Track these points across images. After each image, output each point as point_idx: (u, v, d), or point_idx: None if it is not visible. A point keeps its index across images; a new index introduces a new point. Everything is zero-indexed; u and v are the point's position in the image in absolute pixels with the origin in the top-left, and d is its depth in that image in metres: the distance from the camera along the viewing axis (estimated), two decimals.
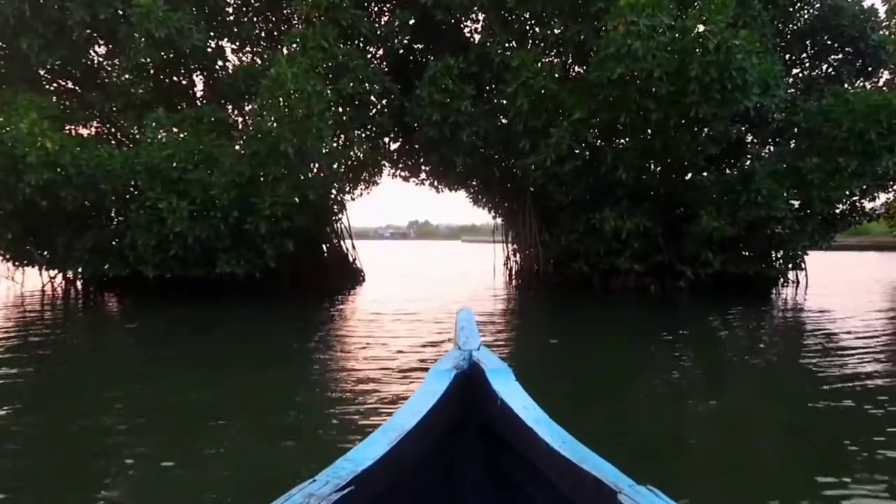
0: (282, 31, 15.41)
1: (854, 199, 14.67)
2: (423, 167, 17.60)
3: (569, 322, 10.33)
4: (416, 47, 15.85)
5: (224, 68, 15.21)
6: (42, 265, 13.93)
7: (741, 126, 13.07)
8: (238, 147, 12.51)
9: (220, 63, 15.47)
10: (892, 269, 24.61)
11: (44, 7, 12.32)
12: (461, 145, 13.36)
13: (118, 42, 12.77)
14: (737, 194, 13.32)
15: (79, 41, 12.62)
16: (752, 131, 14.16)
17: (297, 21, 13.53)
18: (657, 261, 14.62)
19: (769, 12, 13.76)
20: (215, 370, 6.31)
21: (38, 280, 14.57)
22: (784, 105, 13.57)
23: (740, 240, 14.26)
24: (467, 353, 1.97)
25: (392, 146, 18.14)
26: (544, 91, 12.42)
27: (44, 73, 13.98)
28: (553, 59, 13.48)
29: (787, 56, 15.76)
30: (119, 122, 13.96)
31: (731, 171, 15.46)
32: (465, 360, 1.93)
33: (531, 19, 13.65)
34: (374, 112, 14.54)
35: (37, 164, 11.15)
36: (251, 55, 16.17)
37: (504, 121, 13.83)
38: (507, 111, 13.33)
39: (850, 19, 14.86)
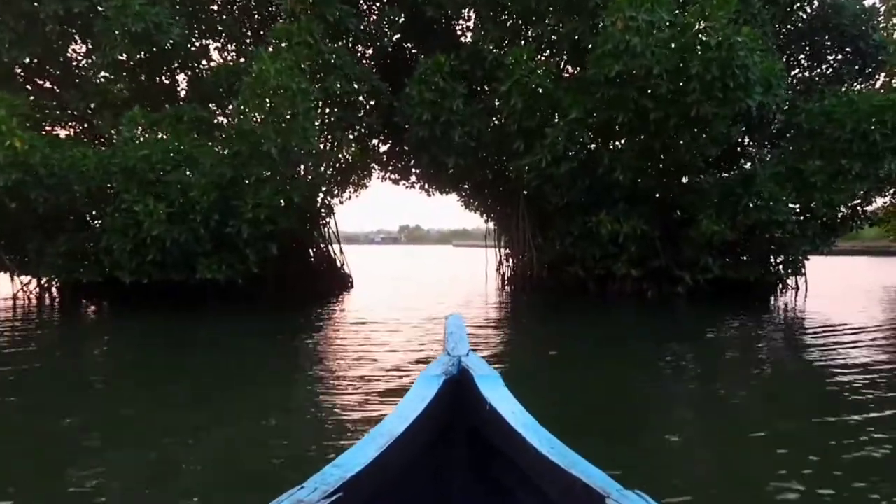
0: (268, 28, 14.88)
1: (856, 203, 14.30)
2: (413, 169, 17.12)
3: (566, 331, 9.82)
4: (407, 46, 15.38)
5: (209, 68, 14.69)
6: (13, 271, 13.28)
7: (742, 127, 12.61)
8: (219, 147, 11.93)
9: (204, 62, 14.99)
10: (887, 275, 24.33)
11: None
12: (453, 146, 12.87)
13: (94, 37, 12.18)
14: (737, 197, 12.93)
15: (52, 36, 12.01)
16: (752, 132, 13.72)
17: (283, 17, 12.97)
18: (654, 265, 14.19)
19: (769, 10, 13.38)
20: (186, 390, 5.77)
21: (8, 287, 13.91)
22: (784, 106, 13.18)
23: (739, 244, 13.86)
24: (456, 358, 1.95)
25: (381, 148, 17.68)
26: (539, 90, 11.96)
27: (19, 71, 13.39)
28: (548, 56, 12.99)
29: (786, 56, 15.40)
30: (96, 122, 13.33)
31: (730, 174, 15.10)
32: (454, 366, 1.92)
33: (525, 16, 13.19)
34: (362, 112, 14.02)
35: (4, 164, 10.56)
36: (236, 54, 15.64)
37: (497, 121, 13.35)
38: (500, 111, 12.86)
39: (851, 18, 14.54)
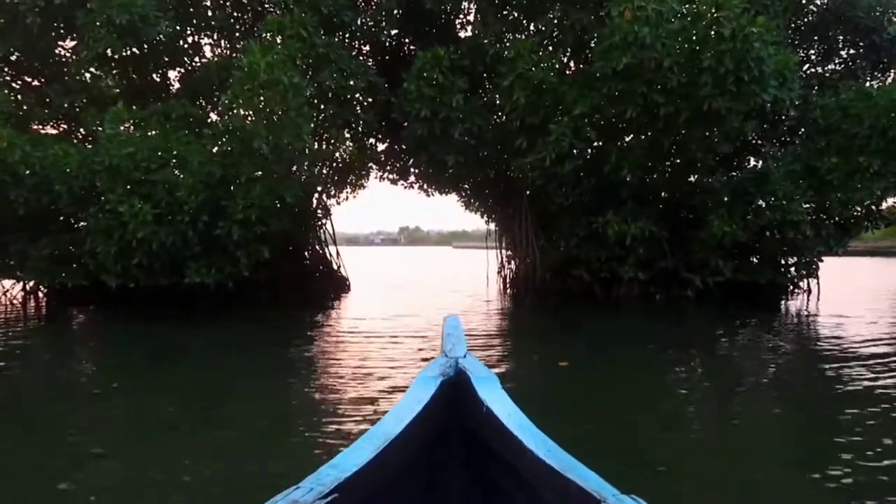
0: (261, 23, 14.36)
1: (870, 202, 13.73)
2: (412, 169, 16.60)
3: (574, 340, 9.22)
4: (405, 41, 14.83)
5: (202, 65, 14.18)
6: None
7: (756, 122, 12.05)
8: (208, 145, 11.40)
9: (196, 60, 14.50)
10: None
11: None
12: (452, 144, 12.33)
13: (77, 31, 11.65)
14: (750, 197, 12.41)
15: (33, 29, 11.49)
16: (763, 129, 13.17)
17: (275, 8, 12.44)
18: (662, 268, 13.65)
19: (781, 2, 12.84)
20: (170, 403, 5.23)
21: None
22: (797, 101, 12.62)
23: (750, 246, 13.31)
24: (453, 360, 1.94)
25: (379, 147, 17.15)
26: (543, 84, 11.41)
27: (1, 66, 12.88)
28: (552, 50, 12.43)
29: (798, 51, 14.86)
30: (83, 119, 12.78)
31: (740, 172, 14.57)
32: (451, 368, 1.91)
33: (527, 8, 12.66)
34: (358, 109, 13.48)
35: None
36: (229, 50, 15.12)
37: (499, 117, 12.81)
38: (502, 107, 12.31)
39: (866, 10, 13.99)
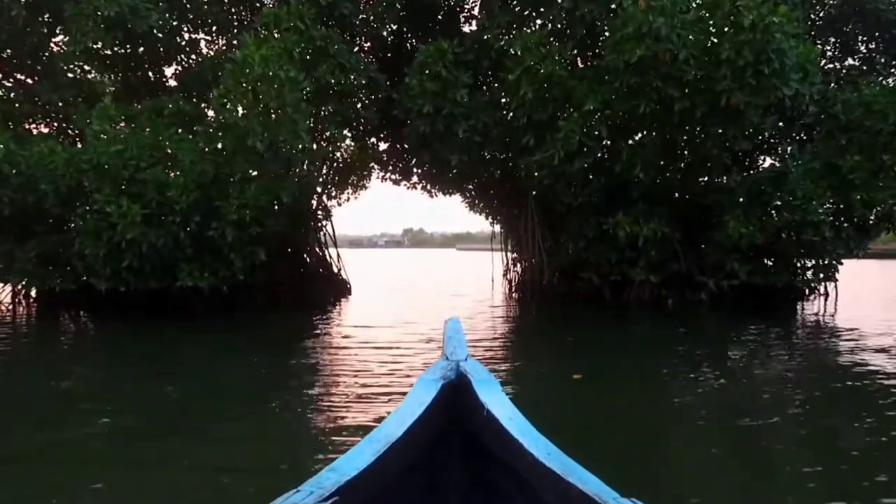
0: (259, 17, 13.91)
1: (894, 203, 13.15)
2: (414, 169, 16.08)
3: (586, 348, 8.62)
4: (406, 34, 14.31)
5: (197, 61, 13.71)
6: None
7: (775, 118, 11.48)
8: (201, 142, 10.90)
9: (193, 56, 14.02)
10: None
11: None
12: (456, 141, 11.81)
13: (65, 23, 11.18)
14: (767, 197, 11.85)
15: (18, 22, 11.02)
16: (780, 126, 12.59)
17: (271, 0, 11.94)
18: (674, 271, 13.10)
19: None
20: (158, 416, 4.74)
21: None
22: (816, 96, 12.05)
23: (765, 248, 12.73)
24: (454, 363, 1.92)
25: (381, 146, 16.66)
26: (551, 79, 10.88)
27: None
28: (561, 42, 11.86)
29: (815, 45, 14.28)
30: (72, 116, 12.32)
31: (754, 171, 14.02)
32: (452, 371, 1.90)
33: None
34: (359, 106, 12.97)
35: None
36: (226, 46, 14.63)
37: (505, 114, 12.26)
38: (508, 102, 11.77)
39: (887, 3, 13.42)
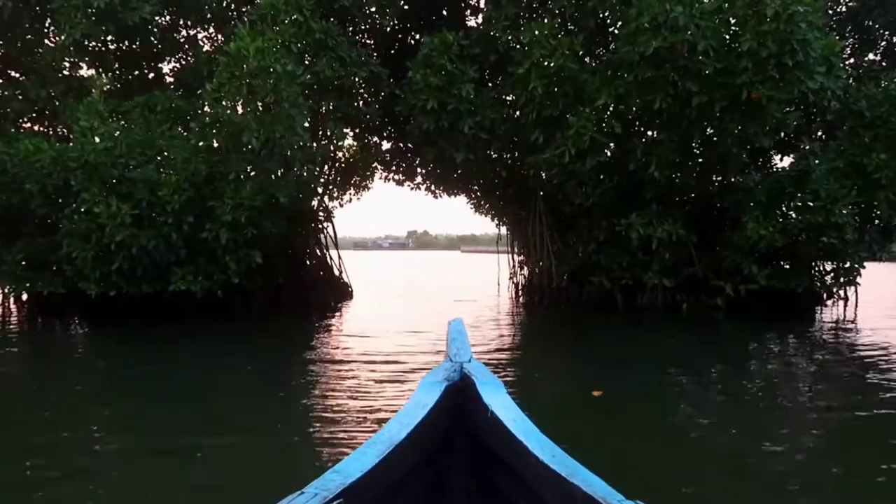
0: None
1: None
2: (418, 169, 15.57)
3: (601, 358, 8.03)
4: (408, 27, 13.78)
5: (192, 56, 13.23)
6: None
7: (798, 113, 10.91)
8: (194, 140, 10.42)
9: (189, 52, 13.56)
10: None
11: None
12: (461, 138, 11.29)
13: (52, 15, 10.72)
14: (788, 196, 11.29)
15: (3, 14, 10.55)
16: (801, 122, 12.01)
17: None
18: (689, 274, 12.55)
19: None
20: (143, 434, 4.25)
21: None
22: (840, 91, 11.49)
23: (783, 250, 12.16)
24: (458, 365, 1.92)
25: (384, 145, 16.14)
26: (562, 72, 10.36)
27: None
28: (572, 33, 11.29)
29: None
30: (61, 113, 11.83)
31: (769, 170, 13.46)
32: (455, 372, 1.89)
33: None
34: (360, 102, 12.46)
35: None
36: (224, 41, 14.15)
37: (513, 110, 11.74)
38: (516, 97, 11.24)
39: None
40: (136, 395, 5.78)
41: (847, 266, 12.59)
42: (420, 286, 21.24)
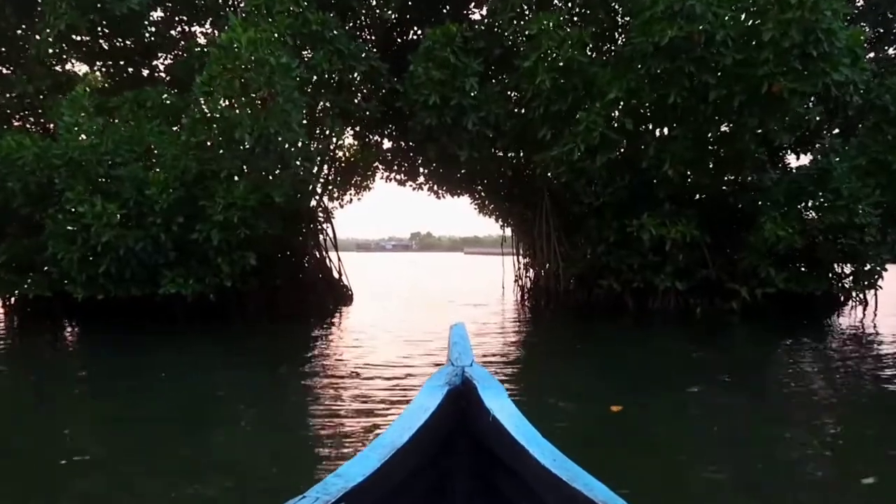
0: None
1: None
2: (420, 168, 15.08)
3: (615, 367, 7.47)
4: (408, 18, 13.26)
5: (185, 50, 12.79)
6: None
7: (820, 108, 10.36)
8: (184, 136, 9.94)
9: (184, 47, 13.11)
10: None
11: None
12: (465, 135, 10.78)
13: (36, 6, 10.26)
14: (809, 196, 10.77)
15: None
16: (824, 116, 11.46)
17: None
18: (703, 277, 12.03)
19: None
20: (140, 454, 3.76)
21: None
22: (863, 85, 10.94)
23: (801, 252, 11.63)
24: (460, 369, 1.90)
25: (385, 144, 15.66)
26: (571, 65, 9.85)
27: None
28: (582, 24, 10.77)
29: None
30: (47, 110, 11.38)
31: (785, 168, 12.94)
32: (457, 377, 1.88)
33: None
34: (359, 98, 11.96)
35: None
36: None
37: (519, 105, 11.23)
38: (522, 92, 10.72)
39: None
40: (116, 401, 5.31)
41: (867, 268, 12.10)
42: (422, 289, 20.67)
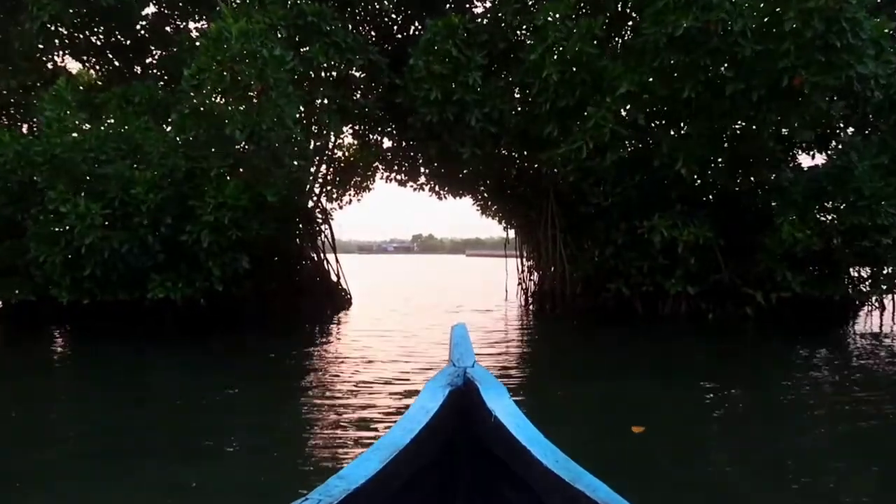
0: None
1: None
2: (421, 168, 14.59)
3: (630, 380, 6.92)
4: (410, 13, 12.78)
5: (175, 43, 12.33)
6: None
7: (842, 103, 9.85)
8: (173, 133, 9.48)
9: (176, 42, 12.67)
10: None
11: None
12: (468, 132, 10.29)
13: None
14: (828, 196, 10.26)
15: None
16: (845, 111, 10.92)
17: None
18: (716, 281, 11.52)
19: None
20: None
21: None
22: (884, 80, 10.41)
23: (818, 255, 11.12)
24: (462, 370, 1.87)
25: (385, 143, 15.18)
26: (579, 58, 9.35)
27: None
28: (591, 14, 10.25)
29: None
30: (31, 105, 10.93)
31: (798, 166, 12.40)
32: (459, 377, 1.86)
33: None
34: (357, 94, 11.50)
35: None
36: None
37: (524, 101, 10.74)
38: (528, 86, 10.21)
39: None
40: (99, 412, 4.83)
41: (887, 272, 11.58)
42: (424, 294, 20.13)
